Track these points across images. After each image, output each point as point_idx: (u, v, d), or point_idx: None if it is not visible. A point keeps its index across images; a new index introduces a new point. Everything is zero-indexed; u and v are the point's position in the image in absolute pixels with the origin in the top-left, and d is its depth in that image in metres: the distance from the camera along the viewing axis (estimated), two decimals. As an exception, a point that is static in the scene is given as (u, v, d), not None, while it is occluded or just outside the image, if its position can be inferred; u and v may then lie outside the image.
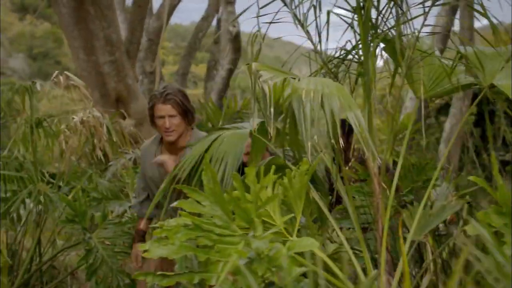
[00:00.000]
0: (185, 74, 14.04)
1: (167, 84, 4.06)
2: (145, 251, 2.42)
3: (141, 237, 4.16)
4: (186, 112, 3.93)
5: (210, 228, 2.49)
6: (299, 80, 2.96)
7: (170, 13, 12.67)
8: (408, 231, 3.30)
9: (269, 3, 3.39)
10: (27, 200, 4.99)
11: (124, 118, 8.10)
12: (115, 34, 8.24)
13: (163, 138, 4.01)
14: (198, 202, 2.56)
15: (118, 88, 8.36)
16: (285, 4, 3.37)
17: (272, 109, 2.89)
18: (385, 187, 3.19)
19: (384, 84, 4.75)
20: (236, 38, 12.69)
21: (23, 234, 5.08)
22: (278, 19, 3.43)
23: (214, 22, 14.18)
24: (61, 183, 5.22)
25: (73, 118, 5.14)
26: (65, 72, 5.47)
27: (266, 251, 2.25)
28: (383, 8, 3.21)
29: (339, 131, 2.67)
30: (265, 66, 3.05)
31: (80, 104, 5.56)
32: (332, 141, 2.75)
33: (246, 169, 2.56)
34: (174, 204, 2.63)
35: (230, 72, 13.01)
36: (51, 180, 5.34)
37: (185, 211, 2.62)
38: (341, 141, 2.75)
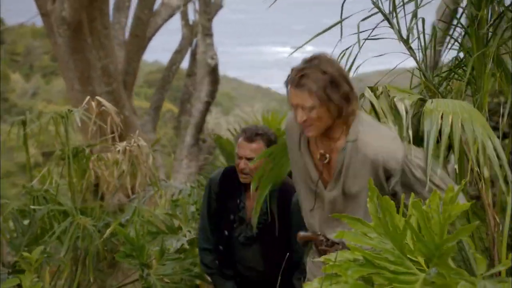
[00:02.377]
0: (158, 108, 13.77)
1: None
2: None
3: None
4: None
5: (382, 264, 2.25)
6: (431, 102, 2.87)
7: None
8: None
9: (369, 16, 3.27)
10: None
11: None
12: (112, 64, 8.00)
13: None
14: (363, 233, 2.32)
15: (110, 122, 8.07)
16: (387, 19, 3.24)
17: (410, 130, 2.78)
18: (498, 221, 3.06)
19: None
20: (214, 71, 12.53)
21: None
22: (376, 35, 3.31)
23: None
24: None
25: (115, 147, 4.84)
26: (97, 97, 5.18)
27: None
28: (495, 20, 3.11)
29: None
30: (392, 87, 2.94)
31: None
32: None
33: (432, 195, 2.27)
34: (334, 235, 2.41)
35: (208, 105, 12.82)
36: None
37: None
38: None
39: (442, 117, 2.79)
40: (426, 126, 2.78)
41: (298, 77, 2.77)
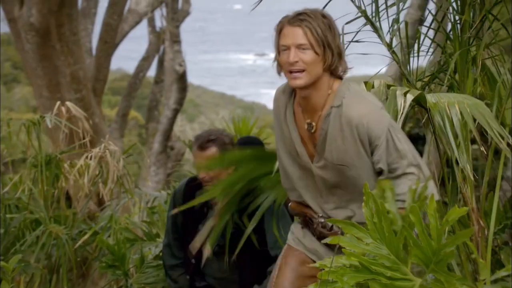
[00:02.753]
0: (125, 115, 13.65)
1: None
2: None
3: None
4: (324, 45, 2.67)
5: (379, 270, 2.21)
6: (432, 96, 2.86)
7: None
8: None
9: (352, 20, 3.25)
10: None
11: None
12: (82, 70, 7.88)
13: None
14: (358, 238, 2.28)
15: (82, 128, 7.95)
16: (371, 23, 3.23)
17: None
18: (484, 225, 3.06)
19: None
20: (182, 78, 12.49)
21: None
22: (360, 39, 3.31)
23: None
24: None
25: (87, 153, 4.75)
26: (67, 102, 5.11)
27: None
28: (477, 24, 3.12)
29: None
30: (392, 84, 2.93)
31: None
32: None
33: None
34: (328, 240, 2.37)
35: (176, 112, 12.77)
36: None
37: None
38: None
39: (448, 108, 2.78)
40: (437, 119, 2.76)
41: (297, 14, 2.64)
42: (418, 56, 3.19)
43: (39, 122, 4.73)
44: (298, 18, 2.62)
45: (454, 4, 3.12)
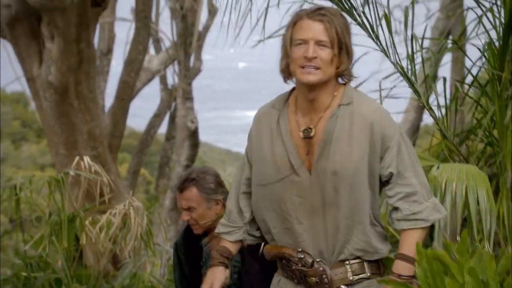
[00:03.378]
0: (136, 172, 13.62)
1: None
2: None
3: (225, 258, 2.88)
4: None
5: None
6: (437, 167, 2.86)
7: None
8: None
9: (389, 76, 3.25)
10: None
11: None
12: (98, 128, 7.87)
13: (296, 86, 2.61)
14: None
15: (100, 184, 7.92)
16: (408, 79, 3.21)
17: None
18: None
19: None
20: (194, 134, 12.49)
21: None
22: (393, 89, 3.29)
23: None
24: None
25: (111, 209, 4.70)
26: (85, 157, 5.09)
27: None
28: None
29: None
30: None
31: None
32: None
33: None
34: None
35: (187, 168, 12.72)
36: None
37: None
38: None
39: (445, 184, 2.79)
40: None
41: (317, 9, 2.46)
42: (456, 112, 3.16)
43: (63, 180, 4.70)
44: (319, 12, 2.45)
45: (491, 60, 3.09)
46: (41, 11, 7.05)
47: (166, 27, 13.46)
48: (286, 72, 2.56)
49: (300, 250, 2.57)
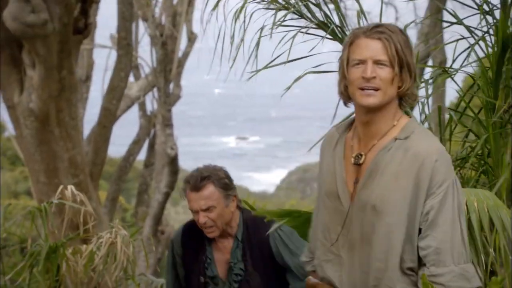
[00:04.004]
0: (114, 199, 13.50)
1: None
2: None
3: None
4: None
5: None
6: None
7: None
8: None
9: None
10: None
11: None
12: (79, 155, 7.80)
13: (355, 110, 2.43)
14: None
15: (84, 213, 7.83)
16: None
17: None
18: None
19: None
20: (173, 161, 12.45)
21: None
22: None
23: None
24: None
25: (97, 238, 4.62)
26: (70, 186, 5.03)
27: None
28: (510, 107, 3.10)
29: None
30: None
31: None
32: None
33: None
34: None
35: (167, 195, 12.68)
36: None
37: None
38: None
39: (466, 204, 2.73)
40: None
41: (374, 26, 2.31)
42: (450, 140, 3.16)
43: (45, 209, 4.62)
44: (377, 30, 2.30)
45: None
46: (22, 39, 7.00)
47: (144, 54, 13.41)
48: (345, 95, 2.39)
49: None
